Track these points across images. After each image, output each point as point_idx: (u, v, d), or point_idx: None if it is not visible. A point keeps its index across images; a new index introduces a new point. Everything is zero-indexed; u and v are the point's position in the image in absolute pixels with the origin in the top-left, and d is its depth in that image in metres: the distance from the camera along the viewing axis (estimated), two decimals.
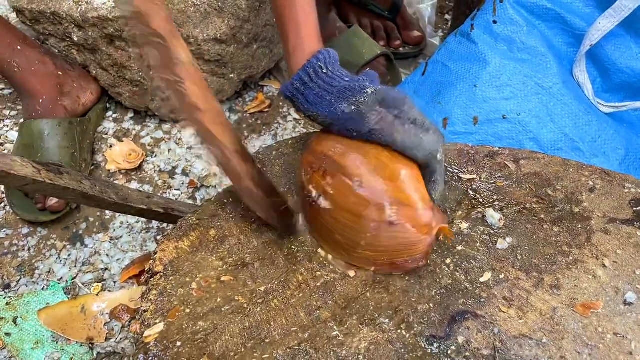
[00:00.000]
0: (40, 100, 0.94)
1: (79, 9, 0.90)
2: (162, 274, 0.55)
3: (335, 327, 0.50)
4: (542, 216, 0.59)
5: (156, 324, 0.51)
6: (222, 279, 0.55)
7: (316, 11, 0.64)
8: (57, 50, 1.01)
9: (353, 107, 0.55)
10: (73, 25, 0.93)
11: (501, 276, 0.54)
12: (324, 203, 0.55)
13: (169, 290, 0.53)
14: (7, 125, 1.04)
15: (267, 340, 0.49)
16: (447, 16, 1.34)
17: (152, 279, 0.55)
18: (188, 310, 0.52)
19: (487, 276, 0.54)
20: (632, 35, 0.79)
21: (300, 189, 0.60)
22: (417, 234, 0.52)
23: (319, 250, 0.58)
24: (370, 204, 0.53)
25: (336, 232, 0.55)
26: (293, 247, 0.58)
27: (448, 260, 0.56)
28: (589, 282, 0.53)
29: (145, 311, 0.52)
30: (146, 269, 0.57)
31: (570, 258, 0.55)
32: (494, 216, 0.59)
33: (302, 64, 0.59)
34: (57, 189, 0.62)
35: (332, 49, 0.60)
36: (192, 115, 0.56)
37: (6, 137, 1.02)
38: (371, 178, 0.53)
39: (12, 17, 1.18)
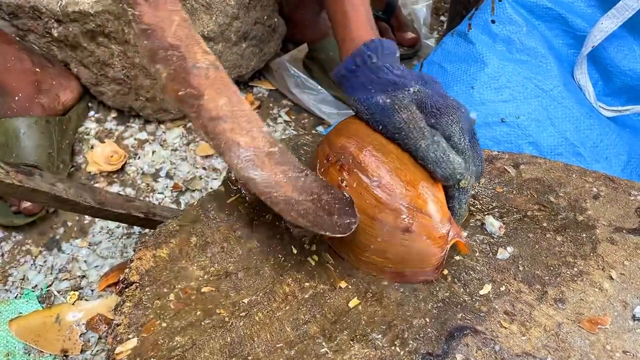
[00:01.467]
0: (16, 98, 0.90)
1: (59, 3, 0.86)
2: (137, 284, 0.51)
3: (324, 344, 0.46)
4: (545, 224, 0.56)
5: (129, 339, 0.47)
6: (203, 290, 0.51)
7: (368, 3, 0.64)
8: (37, 47, 0.97)
9: (388, 100, 0.53)
10: (53, 20, 0.89)
11: (502, 288, 0.50)
12: None
13: (144, 302, 0.49)
14: None
15: (250, 358, 0.45)
16: (442, 17, 1.31)
17: (126, 290, 0.51)
18: (164, 324, 0.48)
19: (487, 288, 0.50)
20: (635, 37, 0.77)
21: None
22: (432, 245, 0.49)
23: (309, 258, 0.54)
24: (386, 207, 0.49)
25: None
26: (280, 256, 0.54)
27: (445, 271, 0.52)
28: (596, 296, 0.49)
29: (117, 325, 0.48)
30: (121, 278, 0.53)
31: (575, 269, 0.51)
32: (493, 224, 0.55)
33: (350, 52, 0.58)
34: (28, 191, 0.58)
35: (388, 40, 0.58)
36: (215, 129, 0.52)
37: None
38: (390, 180, 0.50)
39: None
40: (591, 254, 0.53)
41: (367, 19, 0.63)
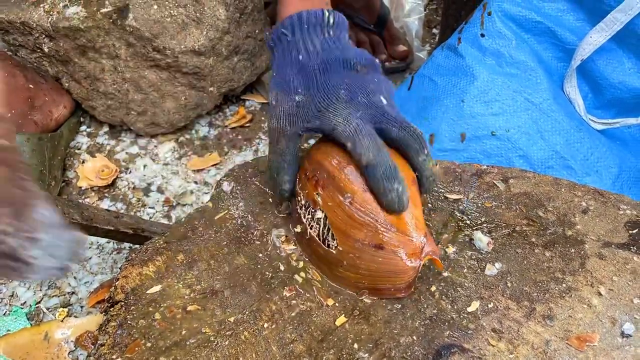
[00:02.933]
0: (9, 115, 0.90)
1: (49, 19, 0.86)
2: (122, 303, 0.51)
3: None
4: (533, 240, 0.55)
5: (113, 359, 0.46)
6: (189, 308, 0.50)
7: None
8: (28, 62, 0.97)
9: (274, 103, 0.54)
10: (44, 36, 0.89)
11: (490, 305, 0.50)
12: (312, 213, 0.52)
13: (129, 322, 0.49)
14: None
15: None
16: (434, 30, 1.31)
17: (111, 309, 0.50)
18: (149, 344, 0.47)
19: (474, 305, 0.50)
20: (624, 50, 0.77)
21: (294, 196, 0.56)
22: (403, 262, 0.48)
23: (296, 276, 0.54)
24: (357, 222, 0.49)
25: (319, 246, 0.51)
26: (267, 273, 0.54)
27: (433, 288, 0.52)
28: (584, 312, 0.49)
29: (102, 345, 0.47)
30: (106, 297, 0.53)
31: (564, 285, 0.51)
32: (482, 239, 0.55)
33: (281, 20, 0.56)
34: None
35: (312, 11, 0.55)
36: None
37: None
38: (364, 196, 0.49)
39: None
40: (580, 270, 0.52)
41: None
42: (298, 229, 0.55)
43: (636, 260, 0.53)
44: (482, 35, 0.78)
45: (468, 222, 0.58)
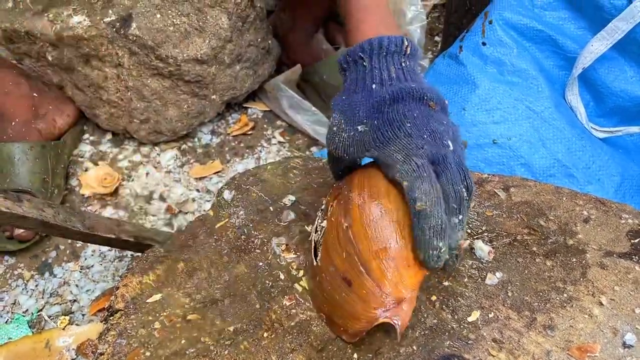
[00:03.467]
0: (13, 123, 0.90)
1: (53, 28, 0.87)
2: (122, 312, 0.51)
3: None
4: (534, 249, 0.55)
5: None
6: (189, 317, 0.50)
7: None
8: (32, 71, 0.98)
9: (334, 128, 0.52)
10: (48, 45, 0.90)
11: (490, 315, 0.50)
12: (321, 219, 0.52)
13: (129, 331, 0.49)
14: None
15: None
16: (436, 38, 1.31)
17: (111, 318, 0.51)
18: (148, 354, 0.47)
19: (475, 315, 0.50)
20: (625, 58, 0.77)
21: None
22: (362, 310, 0.46)
23: (296, 285, 0.54)
24: (342, 250, 0.47)
25: (310, 254, 0.52)
26: (267, 282, 0.54)
27: (433, 297, 0.51)
28: (585, 322, 0.49)
29: (101, 354, 0.48)
30: (106, 306, 0.53)
31: (565, 295, 0.51)
32: (482, 249, 0.55)
33: (352, 47, 0.54)
34: (15, 217, 0.58)
35: (392, 37, 0.52)
36: None
37: None
38: (361, 228, 0.47)
39: None
40: (581, 279, 0.52)
41: (373, 8, 0.57)
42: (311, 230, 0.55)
43: (638, 270, 0.52)
44: (484, 44, 0.78)
45: (469, 231, 0.58)
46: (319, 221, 0.53)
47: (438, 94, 0.52)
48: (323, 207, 0.54)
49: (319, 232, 0.52)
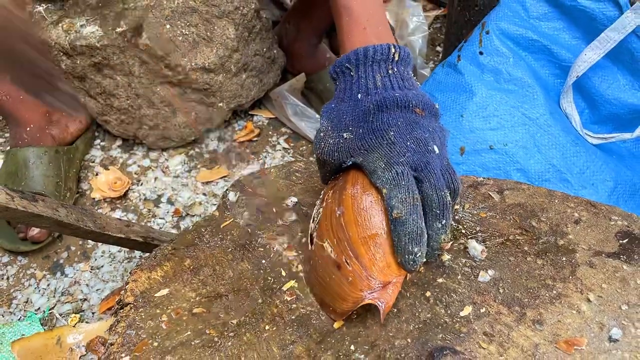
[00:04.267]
0: (28, 129, 0.94)
1: (67, 38, 0.90)
2: (132, 305, 0.53)
3: None
4: (526, 248, 0.57)
5: (122, 357, 0.49)
6: (194, 310, 0.53)
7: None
8: None
9: (322, 134, 0.55)
10: (62, 54, 0.94)
11: (482, 310, 0.52)
12: (318, 207, 0.55)
13: (137, 323, 0.52)
14: None
15: None
16: (438, 48, 1.34)
17: (121, 311, 0.53)
18: (156, 344, 0.50)
19: (467, 310, 0.52)
20: (618, 67, 0.79)
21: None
22: (350, 290, 0.49)
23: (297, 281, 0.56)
24: (334, 237, 0.51)
25: (306, 241, 0.55)
26: (269, 278, 0.56)
27: (428, 293, 0.54)
28: (573, 318, 0.51)
29: (111, 344, 0.50)
30: (116, 300, 0.55)
31: (554, 292, 0.53)
32: (476, 248, 0.57)
33: (339, 58, 0.56)
34: (31, 216, 0.61)
35: (379, 46, 0.53)
36: None
37: None
38: (352, 217, 0.51)
39: None
40: (570, 277, 0.54)
41: (362, 19, 0.58)
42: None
43: (625, 269, 0.55)
44: (481, 53, 0.81)
45: (463, 231, 0.60)
46: (316, 210, 0.56)
47: (425, 99, 0.53)
48: (321, 196, 0.57)
49: (315, 221, 0.55)
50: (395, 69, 0.54)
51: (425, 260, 0.50)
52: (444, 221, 0.50)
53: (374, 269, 0.49)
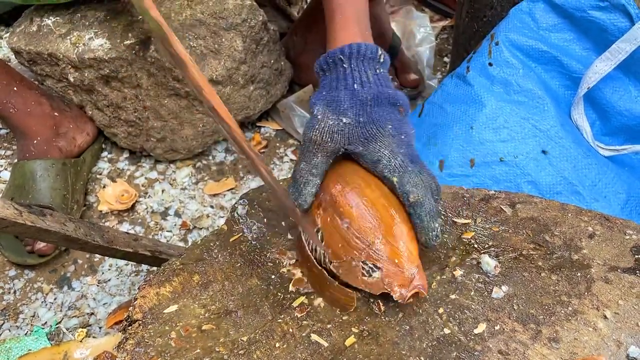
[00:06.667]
0: (35, 141, 0.94)
1: (75, 51, 0.91)
2: (140, 322, 0.53)
3: None
4: (540, 263, 0.56)
5: None
6: (204, 327, 0.52)
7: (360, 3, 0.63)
8: (54, 91, 1.02)
9: (319, 116, 0.56)
10: (70, 66, 0.94)
11: (496, 327, 0.51)
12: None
13: (146, 340, 0.51)
14: (1, 165, 1.03)
15: None
16: (445, 59, 1.34)
17: (130, 327, 0.53)
18: None
19: (481, 327, 0.51)
20: (630, 78, 0.78)
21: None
22: (395, 291, 0.50)
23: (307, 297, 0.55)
24: (351, 247, 0.51)
25: (314, 266, 0.54)
26: (279, 294, 0.56)
27: (441, 310, 0.53)
28: (590, 335, 0.50)
29: None
30: (125, 316, 0.55)
31: (570, 309, 0.52)
32: (489, 263, 0.56)
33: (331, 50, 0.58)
34: (39, 231, 0.60)
35: (367, 44, 0.58)
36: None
37: None
38: (361, 222, 0.52)
39: (13, 58, 1.19)
40: (586, 293, 0.53)
41: (353, 19, 0.62)
42: (299, 248, 0.58)
43: None
44: (490, 64, 0.81)
45: (476, 245, 0.59)
46: (309, 239, 0.55)
47: (406, 100, 0.58)
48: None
49: (316, 250, 0.54)
50: (381, 69, 0.58)
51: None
52: (440, 204, 0.56)
53: (404, 261, 0.50)
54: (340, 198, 0.53)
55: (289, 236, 0.61)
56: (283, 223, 0.63)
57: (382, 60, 0.58)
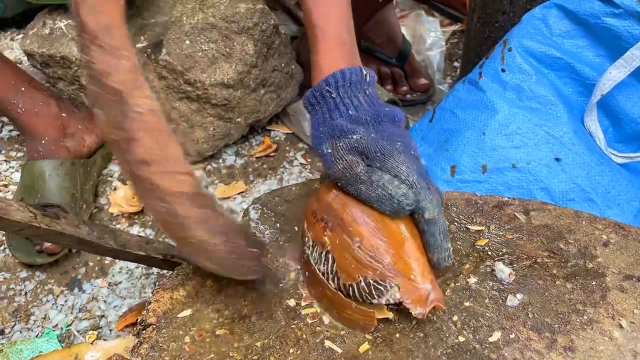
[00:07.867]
0: (43, 141, 0.94)
1: None
2: (154, 326, 0.53)
3: None
4: (554, 271, 0.56)
5: None
6: (217, 332, 0.52)
7: (342, 21, 0.60)
8: (65, 93, 1.02)
9: (329, 150, 0.54)
10: (82, 69, 0.94)
11: (511, 336, 0.51)
12: (319, 253, 0.54)
13: (160, 345, 0.51)
14: (13, 167, 1.03)
15: None
16: (455, 63, 1.34)
17: (144, 332, 0.53)
18: None
19: (496, 335, 0.51)
20: None
21: (301, 236, 0.58)
22: (414, 307, 0.49)
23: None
24: (366, 268, 0.50)
25: (327, 288, 0.53)
26: (292, 299, 0.56)
27: (455, 318, 0.53)
28: (605, 345, 0.49)
29: None
30: (139, 320, 0.55)
31: (585, 317, 0.52)
32: (503, 271, 0.56)
33: (316, 81, 0.57)
34: (54, 234, 0.60)
35: (353, 69, 0.56)
36: (138, 172, 0.49)
37: (10, 178, 1.01)
38: (372, 240, 0.50)
39: (25, 60, 1.19)
40: (601, 302, 0.53)
41: (335, 42, 0.60)
42: (305, 271, 0.57)
43: None
44: (503, 70, 0.80)
45: (489, 253, 0.59)
46: (316, 255, 0.54)
47: (402, 115, 0.57)
48: (311, 243, 0.55)
49: (325, 266, 0.53)
50: (369, 90, 0.57)
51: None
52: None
53: (417, 276, 0.50)
54: (347, 216, 0.52)
55: (301, 242, 0.61)
56: (296, 228, 0.63)
57: (368, 79, 0.57)
